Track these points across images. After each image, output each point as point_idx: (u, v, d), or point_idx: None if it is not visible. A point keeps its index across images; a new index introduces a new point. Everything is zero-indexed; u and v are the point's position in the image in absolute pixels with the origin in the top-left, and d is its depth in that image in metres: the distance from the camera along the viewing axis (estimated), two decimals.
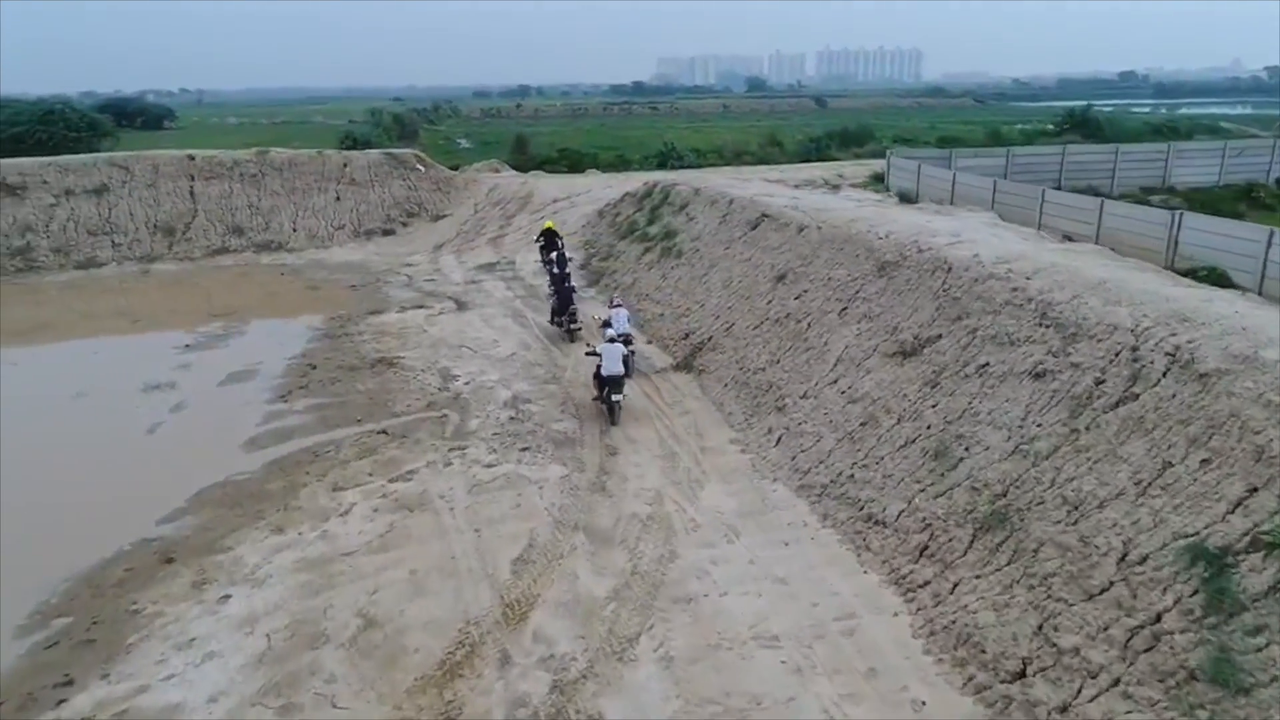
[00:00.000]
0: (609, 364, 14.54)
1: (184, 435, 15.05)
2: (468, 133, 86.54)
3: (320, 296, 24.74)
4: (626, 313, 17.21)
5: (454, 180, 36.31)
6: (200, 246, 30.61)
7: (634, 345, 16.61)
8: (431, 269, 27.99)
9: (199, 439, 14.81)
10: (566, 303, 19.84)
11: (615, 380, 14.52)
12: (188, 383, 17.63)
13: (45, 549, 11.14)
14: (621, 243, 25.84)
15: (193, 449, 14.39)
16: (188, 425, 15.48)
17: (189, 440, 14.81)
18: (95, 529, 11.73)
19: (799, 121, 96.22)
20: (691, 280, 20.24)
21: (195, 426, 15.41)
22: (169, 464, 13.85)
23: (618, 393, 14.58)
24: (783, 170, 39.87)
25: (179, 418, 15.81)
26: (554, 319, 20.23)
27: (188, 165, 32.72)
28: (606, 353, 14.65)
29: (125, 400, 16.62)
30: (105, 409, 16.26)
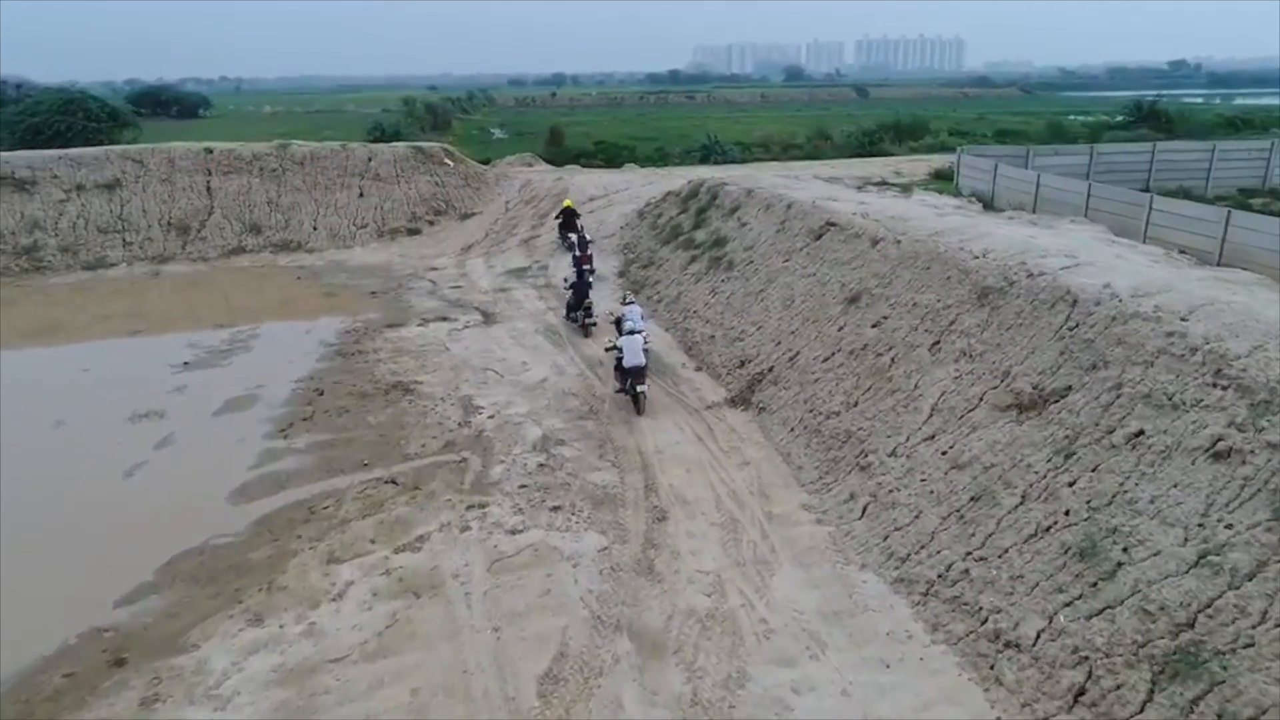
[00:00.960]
0: (630, 356, 14.57)
1: (165, 480, 13.05)
2: (502, 122, 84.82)
3: (337, 304, 22.77)
4: (640, 310, 16.45)
5: (484, 176, 34.21)
6: (215, 246, 28.83)
7: (649, 344, 15.91)
8: (458, 274, 25.91)
9: (182, 486, 12.81)
10: (582, 296, 19.58)
11: (638, 371, 14.58)
12: (180, 411, 15.68)
13: None
14: (664, 249, 23.53)
15: (172, 500, 12.39)
16: (171, 467, 13.49)
17: (170, 487, 12.81)
18: (42, 611, 9.76)
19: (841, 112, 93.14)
20: (746, 297, 17.90)
21: (180, 469, 13.42)
22: (142, 520, 11.86)
23: (641, 384, 14.64)
24: (834, 166, 37.25)
25: (163, 457, 13.83)
26: (569, 313, 20.08)
27: (204, 159, 30.94)
28: (626, 345, 14.69)
29: (107, 433, 14.69)
30: (83, 444, 14.35)
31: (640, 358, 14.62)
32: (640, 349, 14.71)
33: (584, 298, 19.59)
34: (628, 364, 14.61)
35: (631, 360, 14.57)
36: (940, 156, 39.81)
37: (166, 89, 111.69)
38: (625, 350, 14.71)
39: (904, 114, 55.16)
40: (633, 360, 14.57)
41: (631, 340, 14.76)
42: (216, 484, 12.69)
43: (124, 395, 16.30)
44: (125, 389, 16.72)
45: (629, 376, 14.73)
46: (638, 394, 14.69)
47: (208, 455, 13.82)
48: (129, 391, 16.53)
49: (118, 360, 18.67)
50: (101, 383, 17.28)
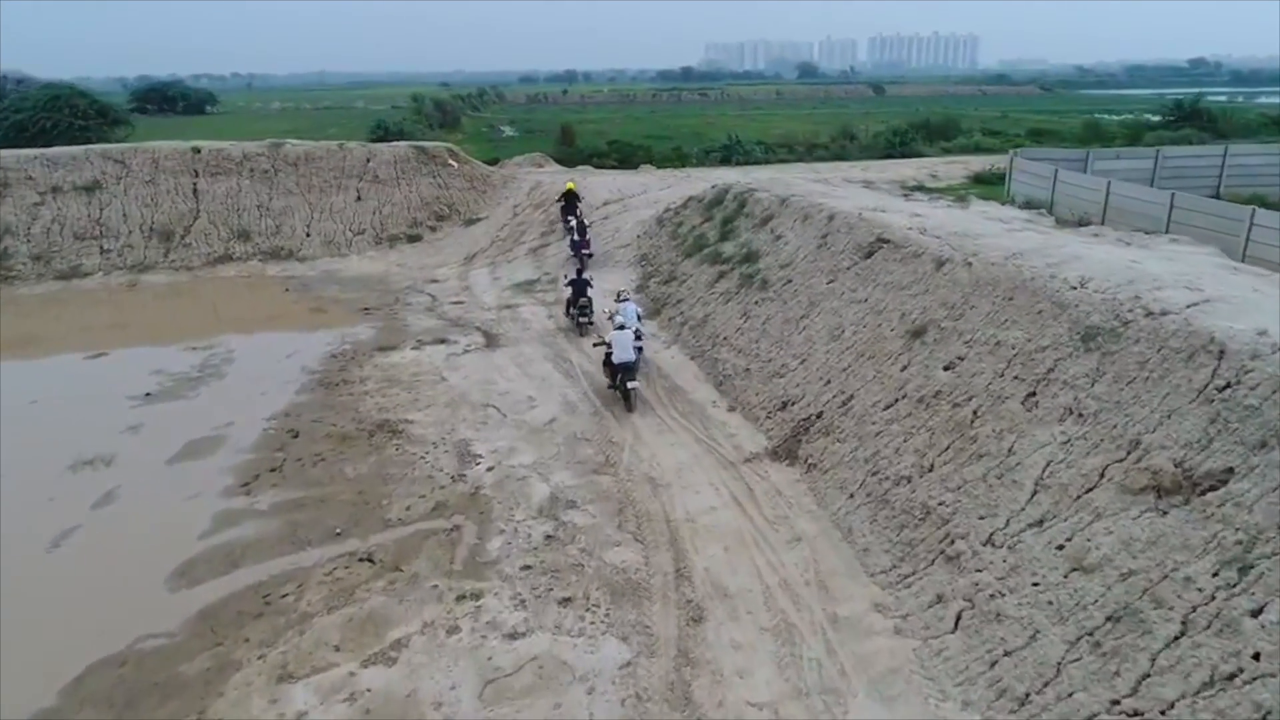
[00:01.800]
0: (619, 352, 14.45)
1: (97, 554, 10.86)
2: (512, 120, 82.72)
3: (325, 322, 20.61)
4: (636, 307, 16.55)
5: (491, 178, 31.99)
6: (200, 254, 26.71)
7: (643, 341, 15.80)
8: (460, 286, 23.69)
9: (114, 563, 10.62)
10: (580, 292, 19.14)
11: (628, 367, 14.45)
12: (131, 456, 13.52)
13: None
14: (687, 262, 21.24)
15: (100, 582, 10.21)
16: (108, 534, 11.31)
17: (100, 564, 10.62)
18: None
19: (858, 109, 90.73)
20: (785, 324, 15.60)
21: (117, 537, 11.23)
22: (59, 612, 9.66)
23: (632, 380, 14.49)
24: (864, 168, 34.87)
25: (100, 520, 11.65)
26: (568, 309, 19.65)
27: (192, 159, 28.84)
28: (616, 340, 14.57)
29: (41, 486, 12.54)
30: (8, 502, 12.16)
31: (630, 354, 14.47)
32: (630, 344, 14.56)
33: (581, 294, 19.13)
34: (617, 360, 14.48)
35: (621, 356, 14.43)
36: (976, 158, 37.43)
37: (172, 85, 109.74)
38: (615, 346, 14.54)
39: (934, 113, 52.62)
40: (622, 356, 14.42)
41: (621, 335, 14.60)
42: (157, 559, 10.51)
43: (70, 435, 14.16)
44: (73, 426, 14.57)
45: (619, 372, 14.58)
46: (628, 390, 14.52)
47: (153, 518, 11.63)
48: (77, 430, 14.39)
49: (72, 389, 16.52)
50: (47, 418, 15.13)
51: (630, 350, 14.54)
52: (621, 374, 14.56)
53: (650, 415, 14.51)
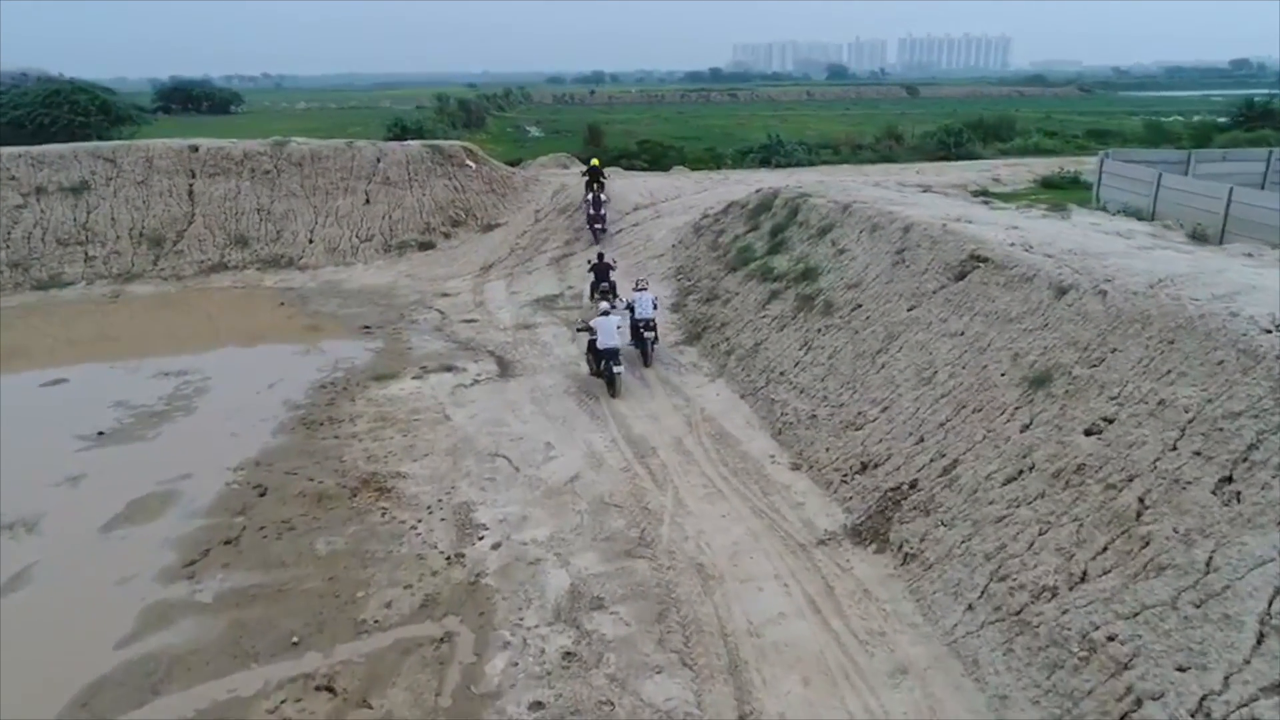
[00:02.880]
0: (604, 338, 14.52)
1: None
2: (538, 120, 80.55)
3: (319, 343, 18.16)
4: (653, 296, 16.28)
5: (511, 180, 29.44)
6: (192, 261, 24.42)
7: (656, 332, 16.02)
8: (473, 302, 21.15)
9: (4, 683, 8.12)
10: (602, 276, 19.07)
11: (612, 352, 14.49)
12: (61, 518, 11.07)
13: None
14: (730, 277, 18.54)
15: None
16: (3, 638, 8.81)
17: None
18: None
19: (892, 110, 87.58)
20: (858, 359, 12.85)
21: (14, 644, 8.72)
22: None
23: (616, 365, 14.53)
24: (918, 170, 31.95)
25: (2, 612, 9.18)
26: (591, 294, 19.24)
27: (188, 158, 26.59)
28: (600, 327, 14.63)
29: None
30: None
31: (614, 339, 14.50)
32: (614, 330, 14.60)
33: (604, 278, 18.99)
34: (601, 345, 14.53)
35: (605, 342, 14.48)
36: (1037, 160, 34.39)
37: (197, 84, 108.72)
38: (599, 332, 14.61)
39: (987, 112, 49.47)
40: (606, 342, 14.48)
41: (605, 321, 14.66)
42: (55, 682, 8.00)
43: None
44: (4, 476, 12.14)
45: (603, 358, 14.61)
46: (613, 375, 14.53)
47: (65, 615, 9.14)
48: (8, 481, 11.96)
49: (16, 425, 14.11)
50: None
51: (614, 337, 14.53)
52: (606, 360, 14.54)
53: (694, 471, 11.85)
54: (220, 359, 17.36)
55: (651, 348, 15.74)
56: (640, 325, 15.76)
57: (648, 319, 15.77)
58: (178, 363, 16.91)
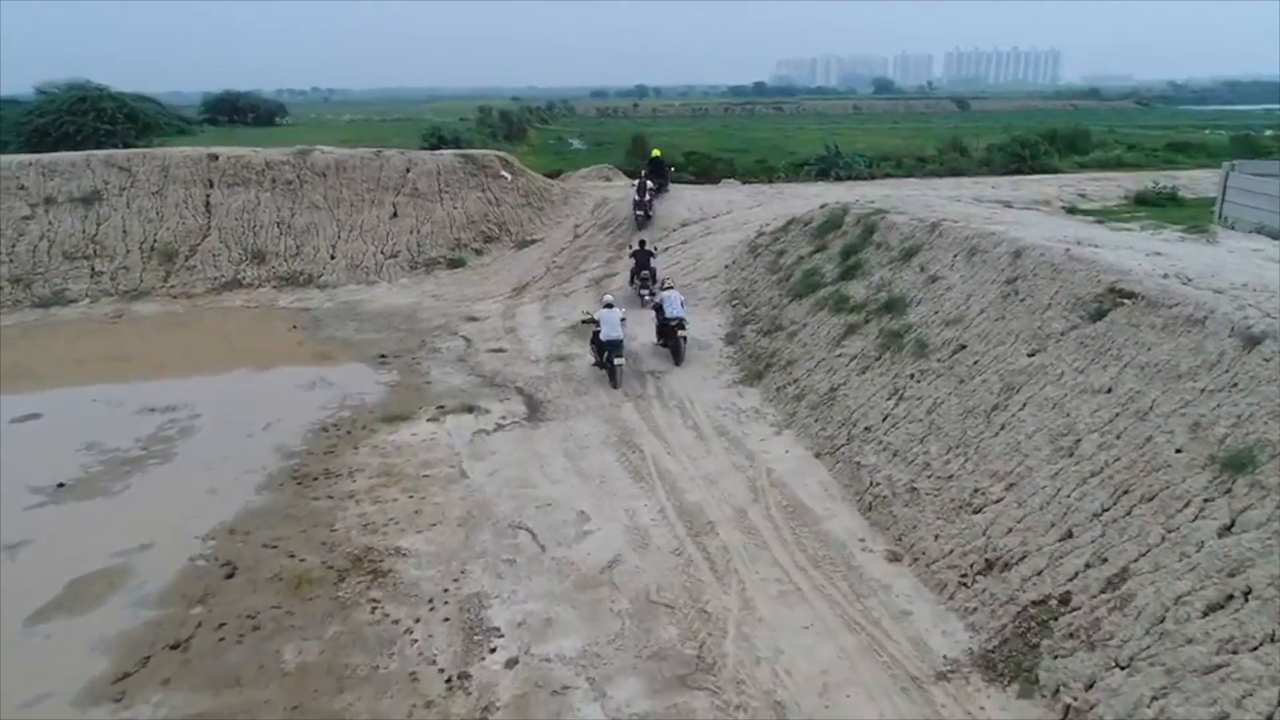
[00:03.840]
0: (607, 330, 14.77)
1: None
2: (581, 132, 78.83)
3: (328, 374, 16.10)
4: (680, 296, 16.31)
5: (549, 192, 27.34)
6: (205, 278, 22.65)
7: (686, 331, 15.96)
8: (503, 328, 18.97)
9: None
10: (643, 264, 19.48)
11: (614, 344, 14.74)
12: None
13: None
14: (795, 305, 16.12)
15: None
16: None
17: None
18: None
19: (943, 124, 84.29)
20: (967, 416, 10.34)
21: None
22: None
23: (618, 356, 14.76)
24: (994, 184, 29.21)
25: None
26: (631, 279, 19.86)
27: (207, 168, 24.93)
28: (604, 319, 14.90)
29: None
30: None
31: (617, 332, 14.80)
32: (617, 322, 14.89)
33: (644, 265, 19.45)
34: (605, 338, 14.82)
35: (609, 334, 14.78)
36: (1122, 174, 31.43)
37: (243, 96, 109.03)
38: (602, 324, 14.92)
39: (1062, 123, 46.40)
40: (610, 334, 14.78)
41: (609, 314, 14.97)
42: None
43: None
44: None
45: (605, 349, 14.87)
46: (614, 367, 14.80)
47: None
48: None
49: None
50: None
51: (617, 329, 14.83)
52: (609, 351, 14.83)
53: (763, 557, 9.44)
54: (216, 391, 15.34)
55: (683, 346, 15.77)
56: (671, 324, 15.78)
57: (679, 318, 15.74)
58: (168, 395, 14.95)
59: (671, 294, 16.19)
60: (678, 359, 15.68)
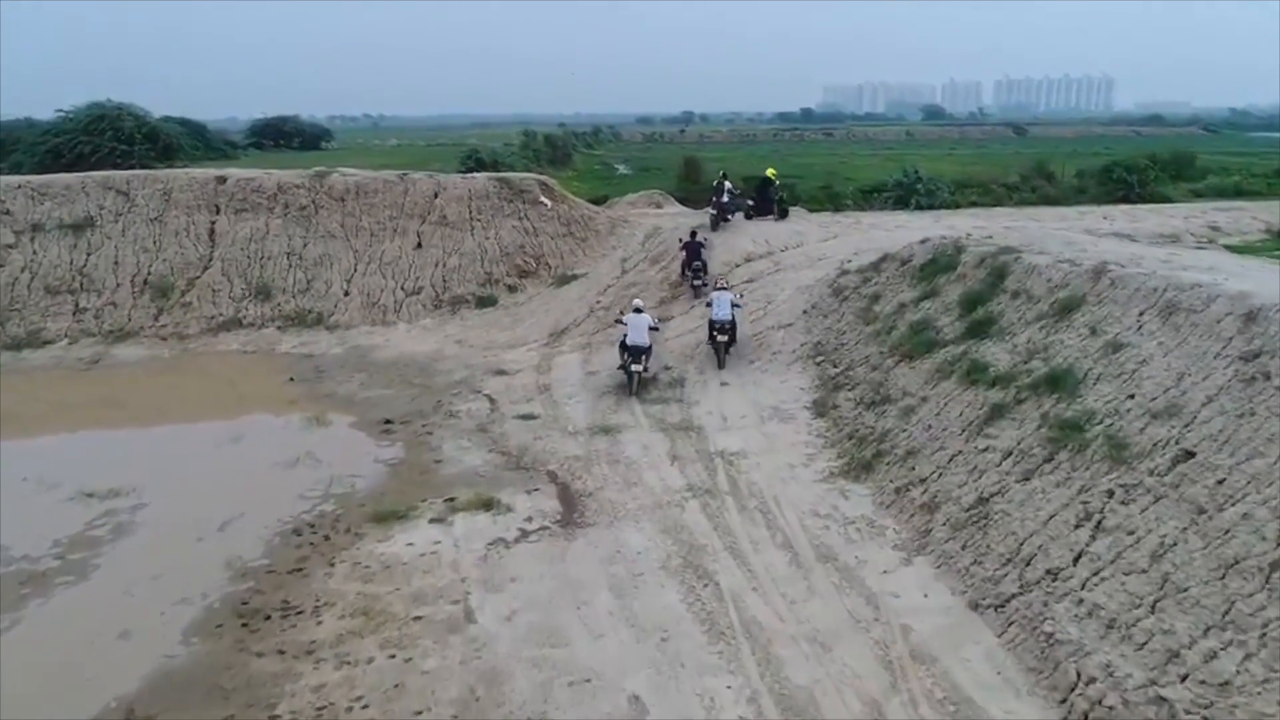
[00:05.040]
0: (633, 334, 14.43)
1: None
2: (627, 157, 76.22)
3: (318, 444, 13.00)
4: (732, 296, 15.59)
5: (594, 220, 24.24)
6: (201, 316, 19.88)
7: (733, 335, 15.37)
8: (536, 385, 15.75)
9: None
10: (694, 255, 18.89)
11: (636, 350, 14.40)
12: None
13: None
14: (906, 370, 12.62)
15: None
16: None
17: None
18: None
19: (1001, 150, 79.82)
20: (1225, 573, 6.74)
21: None
22: None
23: (637, 363, 14.41)
24: (1105, 215, 25.40)
25: None
26: (683, 271, 19.23)
27: (213, 191, 22.29)
28: (632, 323, 14.55)
29: None
30: None
31: (642, 338, 14.45)
32: (644, 328, 14.55)
33: (696, 256, 18.92)
34: (630, 342, 14.42)
35: (634, 339, 14.41)
36: (1251, 204, 27.41)
37: (289, 120, 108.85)
38: (630, 328, 14.55)
39: (1162, 147, 42.26)
40: (635, 339, 14.42)
41: (636, 319, 14.62)
42: None
43: None
44: None
45: (627, 353, 14.50)
46: (631, 374, 14.43)
47: None
48: None
49: None
50: None
51: (643, 335, 14.44)
52: (629, 356, 14.40)
53: None
54: (175, 470, 12.32)
55: (727, 351, 15.38)
56: (715, 327, 15.25)
57: (724, 321, 15.18)
58: (117, 473, 11.94)
59: (724, 294, 15.47)
60: (720, 362, 15.26)
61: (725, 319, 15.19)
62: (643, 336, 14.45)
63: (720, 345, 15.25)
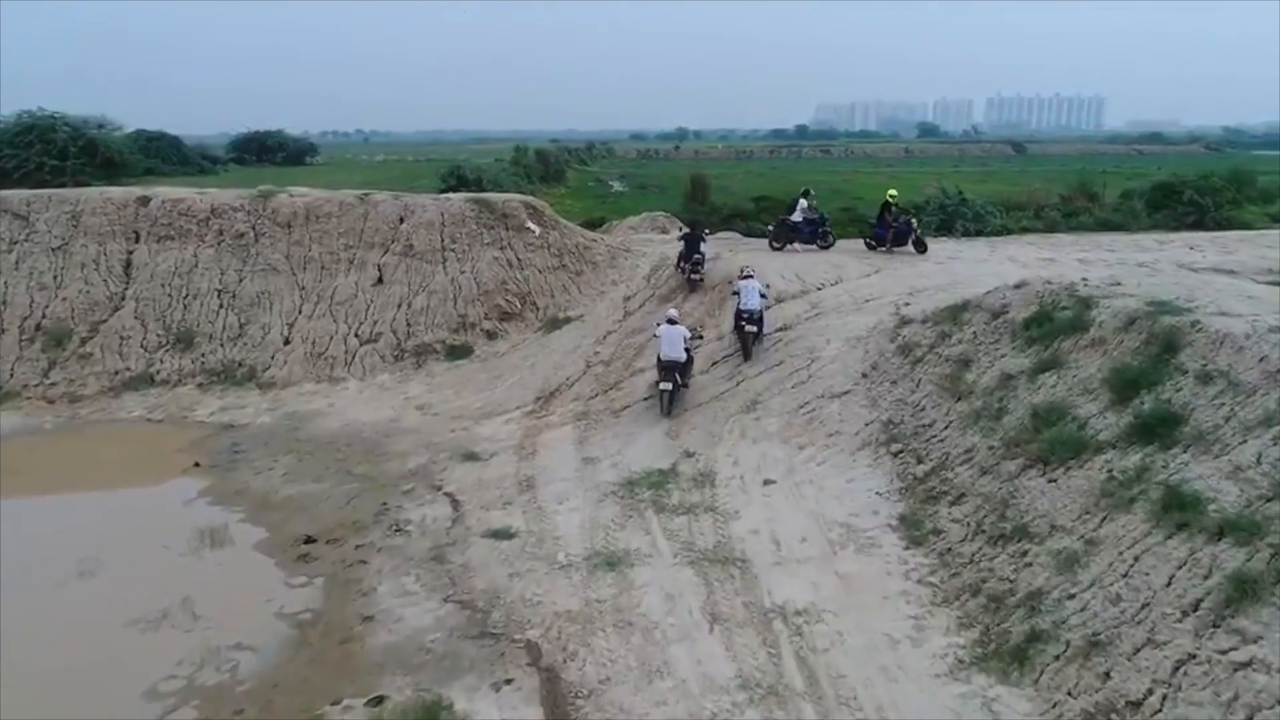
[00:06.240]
0: (667, 348, 13.28)
1: None
2: (622, 174, 72.78)
3: (202, 580, 9.12)
4: (758, 284, 14.65)
5: (591, 250, 20.43)
6: (103, 371, 16.02)
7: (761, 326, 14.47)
8: (517, 478, 11.88)
9: None
10: (693, 248, 17.50)
11: (669, 366, 13.23)
12: None
13: None
14: (1038, 478, 8.84)
15: None
16: None
17: None
18: None
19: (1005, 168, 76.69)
20: None
21: None
22: None
23: (668, 381, 13.24)
24: (1190, 244, 21.72)
25: None
26: (679, 264, 17.88)
27: (133, 215, 18.49)
28: (665, 335, 13.35)
29: None
30: None
31: (676, 351, 13.25)
32: (679, 340, 13.31)
33: (694, 249, 17.47)
34: (664, 356, 13.28)
35: (668, 353, 13.24)
36: None
37: (272, 134, 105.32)
38: (663, 341, 13.33)
39: (1177, 166, 38.71)
40: (670, 353, 13.24)
41: (672, 331, 13.34)
42: None
43: None
44: None
45: (661, 370, 13.36)
46: (662, 392, 13.36)
47: None
48: None
49: None
50: None
51: (677, 348, 13.24)
52: (663, 373, 13.26)
53: None
54: None
55: (754, 342, 14.44)
56: (742, 317, 14.31)
57: (752, 310, 14.30)
58: None
59: (750, 283, 14.66)
60: (746, 354, 14.37)
61: (754, 308, 14.30)
62: (678, 350, 13.25)
63: (748, 336, 14.29)
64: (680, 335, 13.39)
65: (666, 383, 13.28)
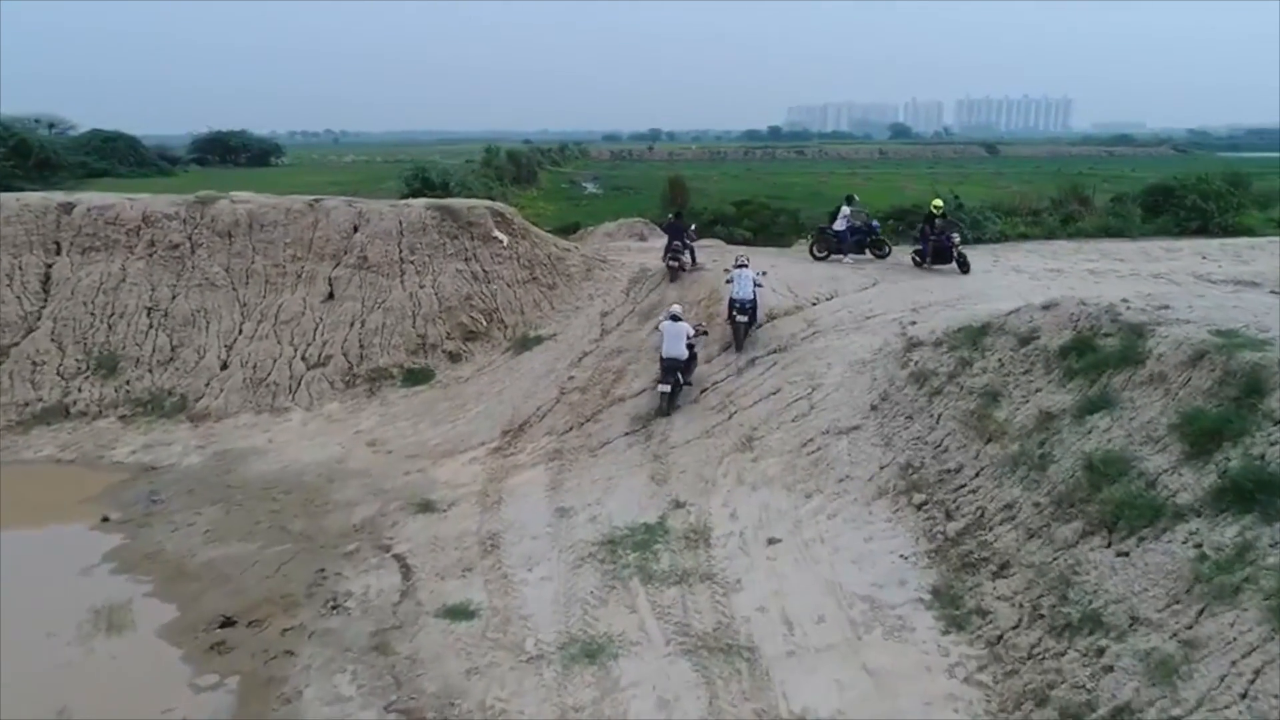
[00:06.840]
0: (669, 345, 12.99)
1: None
2: (595, 175, 71.24)
3: (90, 676, 7.37)
4: (753, 274, 14.30)
5: (565, 261, 18.80)
6: (12, 402, 14.20)
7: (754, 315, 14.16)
8: (479, 535, 10.23)
9: None
10: (676, 236, 17.12)
11: (672, 364, 12.90)
12: None
13: None
14: (1102, 549, 7.35)
15: None
16: None
17: None
18: None
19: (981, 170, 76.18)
20: None
21: None
22: None
23: (668, 381, 12.91)
24: (1202, 254, 20.49)
25: None
26: (664, 255, 17.32)
27: (54, 224, 16.62)
28: (668, 332, 13.06)
29: None
30: None
31: (678, 349, 12.95)
32: (683, 338, 13.01)
33: (677, 237, 17.10)
34: (666, 354, 12.98)
35: (670, 350, 12.95)
36: None
37: (236, 135, 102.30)
38: (665, 338, 13.07)
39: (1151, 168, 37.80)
40: (671, 350, 12.95)
41: (674, 328, 13.06)
42: None
43: None
44: None
45: (662, 368, 13.04)
46: (662, 392, 13.02)
47: None
48: None
49: None
50: None
51: (679, 345, 12.94)
52: (665, 371, 12.96)
53: None
54: None
55: (746, 333, 14.06)
56: (735, 306, 13.92)
57: (745, 300, 13.92)
58: None
59: (745, 271, 14.36)
60: (738, 344, 14.06)
61: (747, 298, 14.02)
62: (680, 348, 12.94)
63: (740, 325, 14.01)
64: (683, 332, 13.05)
65: (666, 384, 12.96)
